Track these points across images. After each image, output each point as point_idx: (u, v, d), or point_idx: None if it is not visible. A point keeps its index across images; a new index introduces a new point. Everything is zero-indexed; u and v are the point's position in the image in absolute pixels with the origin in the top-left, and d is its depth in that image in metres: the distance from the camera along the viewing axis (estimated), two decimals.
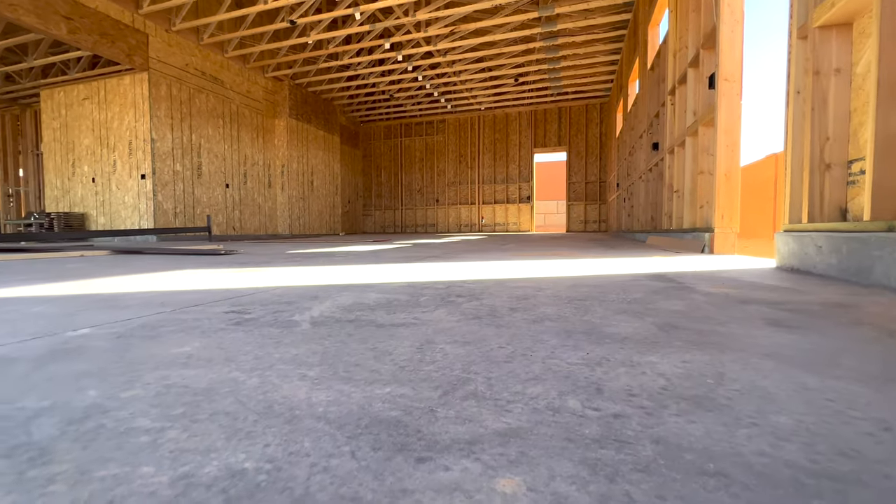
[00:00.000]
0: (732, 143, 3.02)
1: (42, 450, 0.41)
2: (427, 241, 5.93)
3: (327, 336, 0.84)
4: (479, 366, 0.65)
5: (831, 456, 0.40)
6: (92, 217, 7.60)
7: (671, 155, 4.35)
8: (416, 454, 0.40)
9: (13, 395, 0.55)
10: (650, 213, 5.71)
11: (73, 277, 1.87)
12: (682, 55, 4.11)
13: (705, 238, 3.20)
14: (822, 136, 1.86)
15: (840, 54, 1.84)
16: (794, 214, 2.06)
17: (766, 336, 0.82)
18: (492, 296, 1.29)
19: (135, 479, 0.36)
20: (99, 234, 4.42)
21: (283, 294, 1.36)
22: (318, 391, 0.56)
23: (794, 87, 2.04)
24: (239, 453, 0.41)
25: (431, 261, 2.62)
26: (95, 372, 0.64)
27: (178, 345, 0.78)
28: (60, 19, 5.95)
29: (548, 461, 0.39)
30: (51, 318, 1.01)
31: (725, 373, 0.62)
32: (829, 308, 1.09)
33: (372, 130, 14.57)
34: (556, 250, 3.66)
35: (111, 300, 1.27)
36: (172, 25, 7.26)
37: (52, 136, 7.79)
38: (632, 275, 1.82)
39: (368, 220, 14.85)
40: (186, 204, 7.65)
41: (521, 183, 13.18)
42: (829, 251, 1.72)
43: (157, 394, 0.55)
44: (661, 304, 1.15)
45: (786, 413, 0.49)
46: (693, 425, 0.46)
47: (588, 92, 11.91)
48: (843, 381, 0.58)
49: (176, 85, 7.40)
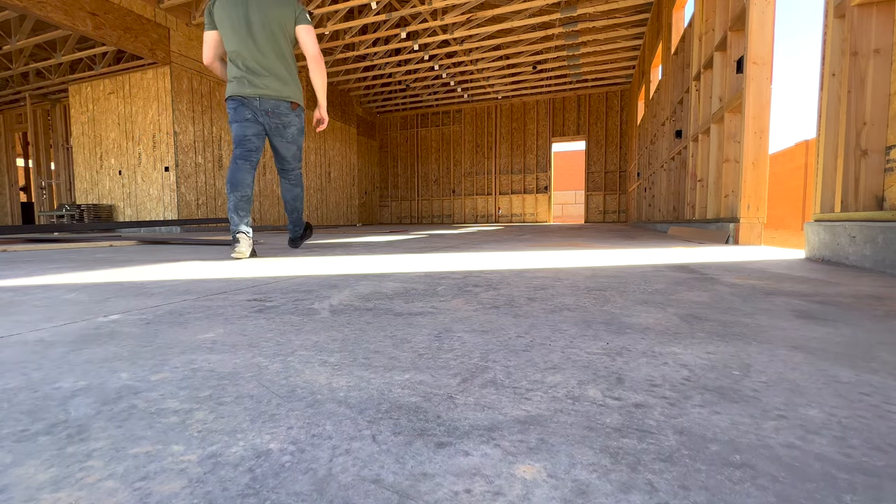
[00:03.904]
0: (761, 130, 2.90)
1: (80, 427, 0.43)
2: (443, 232, 5.93)
3: (346, 324, 0.85)
4: (498, 354, 0.65)
5: (865, 451, 0.38)
6: (119, 208, 7.86)
7: (695, 143, 4.21)
8: (436, 439, 0.41)
9: (52, 377, 0.58)
10: (672, 202, 5.57)
11: (103, 266, 1.94)
12: (708, 38, 3.95)
13: (730, 228, 3.11)
14: (859, 120, 1.77)
15: (880, 34, 1.74)
16: (825, 203, 1.98)
17: (795, 328, 0.79)
18: (509, 285, 1.29)
19: (166, 457, 0.38)
20: (126, 225, 4.57)
21: (303, 283, 1.38)
22: (338, 377, 0.57)
23: (830, 69, 1.94)
24: (264, 434, 0.42)
25: (448, 251, 2.62)
26: (126, 356, 0.66)
27: (203, 331, 0.80)
28: (86, 15, 6.10)
29: (568, 449, 0.39)
30: (84, 305, 1.05)
31: (752, 364, 0.60)
32: (863, 300, 1.04)
33: (388, 121, 14.56)
34: (574, 241, 3.61)
35: (139, 288, 1.31)
36: (193, 19, 7.36)
37: (81, 129, 8.05)
38: (653, 265, 1.79)
39: (385, 211, 14.92)
40: (209, 195, 7.83)
41: (538, 173, 13.00)
42: (864, 241, 1.65)
43: (184, 377, 0.57)
44: (684, 294, 1.13)
45: (816, 406, 0.47)
46: (718, 416, 0.45)
47: (608, 79, 11.60)
48: (879, 375, 0.56)
49: (197, 78, 7.52)
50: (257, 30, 2.27)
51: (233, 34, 2.27)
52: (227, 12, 2.26)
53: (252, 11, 2.26)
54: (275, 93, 2.33)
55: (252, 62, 2.28)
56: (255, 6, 2.27)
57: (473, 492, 0.33)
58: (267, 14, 2.28)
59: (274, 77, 2.33)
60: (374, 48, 9.15)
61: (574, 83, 11.91)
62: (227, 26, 2.27)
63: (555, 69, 10.84)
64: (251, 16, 2.26)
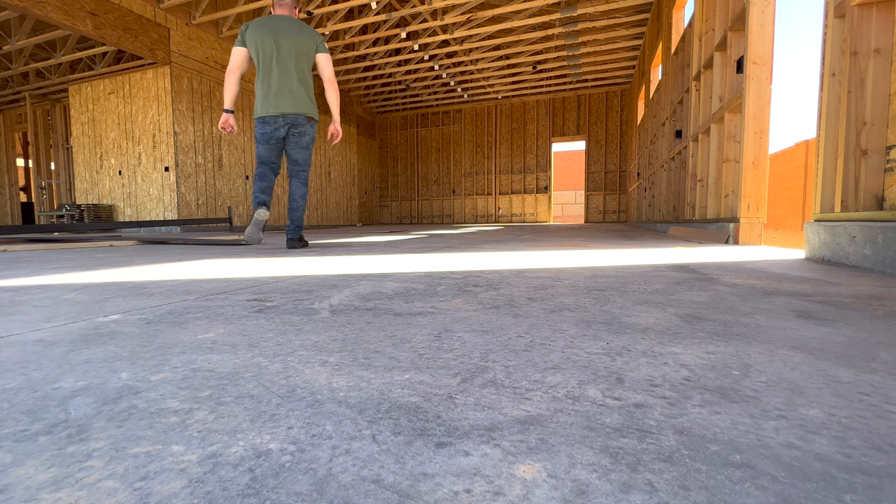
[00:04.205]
0: (761, 130, 2.91)
1: (80, 427, 0.43)
2: (443, 232, 5.93)
3: (346, 324, 0.85)
4: (498, 354, 0.65)
5: (865, 451, 0.38)
6: (119, 208, 7.86)
7: (695, 143, 4.21)
8: (436, 439, 0.41)
9: (52, 376, 0.58)
10: (672, 202, 5.57)
11: (103, 266, 1.94)
12: (708, 38, 3.95)
13: (730, 228, 3.11)
14: (859, 120, 1.77)
15: (880, 34, 1.74)
16: (825, 203, 1.98)
17: (796, 328, 0.79)
18: (509, 285, 1.29)
19: (166, 457, 0.38)
20: (126, 225, 4.57)
21: (303, 283, 1.38)
22: (338, 377, 0.57)
23: (830, 69, 1.94)
24: (264, 434, 0.42)
25: (448, 251, 2.62)
26: (126, 356, 0.66)
27: (203, 331, 0.80)
28: (86, 15, 6.10)
29: (568, 449, 0.39)
30: (83, 305, 1.05)
31: (752, 364, 0.60)
32: (863, 300, 1.04)
33: (388, 121, 14.56)
34: (574, 241, 3.61)
35: (139, 288, 1.31)
36: (192, 19, 7.36)
37: (81, 129, 8.04)
38: (653, 265, 1.79)
39: (385, 211, 14.92)
40: (208, 195, 7.83)
41: (538, 173, 13.01)
42: (864, 241, 1.65)
43: (184, 377, 0.57)
44: (684, 294, 1.13)
45: (816, 406, 0.47)
46: (718, 416, 0.45)
47: (608, 79, 11.60)
48: (879, 375, 0.56)
49: (197, 78, 7.52)
50: (285, 55, 2.71)
51: (263, 58, 2.70)
52: (259, 37, 2.67)
53: (281, 39, 2.69)
54: (295, 109, 2.80)
55: (277, 84, 2.74)
56: (284, 35, 2.70)
57: (473, 492, 0.33)
58: (294, 42, 2.71)
59: (295, 96, 2.78)
60: (374, 48, 9.15)
61: (574, 83, 11.91)
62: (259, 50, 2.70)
63: (555, 69, 10.84)
64: (280, 43, 2.69)
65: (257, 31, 2.67)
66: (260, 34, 2.67)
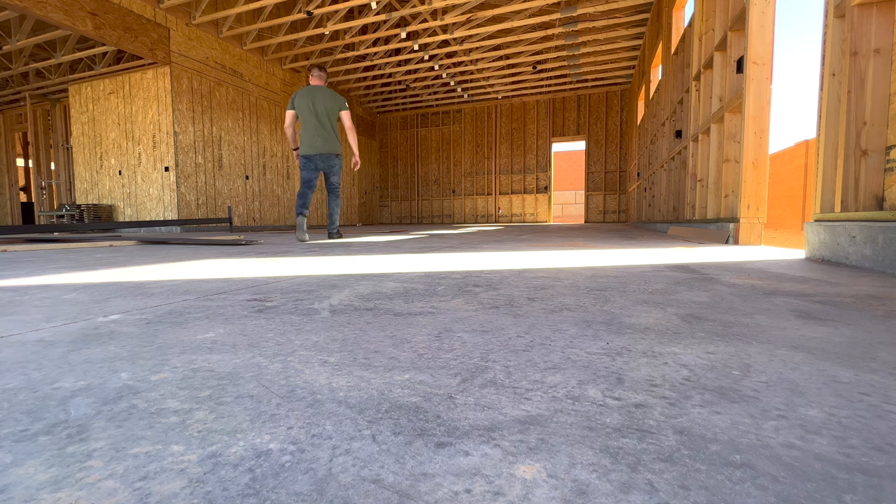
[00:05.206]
0: (761, 130, 2.91)
1: (80, 427, 0.43)
2: (443, 232, 5.93)
3: (346, 324, 0.85)
4: (498, 354, 0.65)
5: (865, 450, 0.38)
6: (119, 208, 7.86)
7: (695, 143, 4.21)
8: (436, 439, 0.41)
9: (52, 376, 0.58)
10: (672, 202, 5.57)
11: (103, 266, 1.94)
12: (708, 38, 3.95)
13: (730, 228, 3.11)
14: (859, 120, 1.77)
15: (880, 34, 1.74)
16: (825, 203, 1.98)
17: (795, 328, 0.79)
18: (509, 285, 1.29)
19: (166, 457, 0.38)
20: (126, 225, 4.57)
21: (303, 283, 1.38)
22: (338, 377, 0.57)
23: (829, 69, 1.94)
24: (264, 434, 0.42)
25: (448, 251, 2.62)
26: (126, 356, 0.66)
27: (203, 331, 0.80)
28: (86, 15, 6.10)
29: (568, 449, 0.39)
30: (83, 305, 1.05)
31: (752, 364, 0.60)
32: (863, 300, 1.04)
33: (388, 121, 14.56)
34: (574, 241, 3.61)
35: (139, 288, 1.31)
36: (192, 19, 7.36)
37: (81, 129, 8.04)
38: (653, 265, 1.79)
39: (385, 211, 14.92)
40: (208, 195, 7.83)
41: (538, 173, 13.00)
42: (864, 241, 1.65)
43: (184, 377, 0.57)
44: (684, 294, 1.13)
45: (816, 406, 0.47)
46: (718, 416, 0.45)
47: (608, 79, 11.60)
48: (879, 375, 0.56)
49: (197, 78, 7.52)
50: (320, 113, 4.03)
51: (308, 115, 4.02)
52: (304, 102, 3.99)
53: (317, 103, 4.01)
54: (327, 150, 4.08)
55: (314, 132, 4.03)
56: (318, 100, 4.01)
57: (473, 492, 0.33)
58: (325, 105, 4.03)
59: (326, 140, 4.07)
60: (374, 48, 9.14)
61: (574, 83, 11.90)
62: (304, 111, 4.00)
63: (555, 69, 10.84)
64: (317, 106, 4.01)
65: (301, 98, 4.00)
66: (303, 100, 3.99)
